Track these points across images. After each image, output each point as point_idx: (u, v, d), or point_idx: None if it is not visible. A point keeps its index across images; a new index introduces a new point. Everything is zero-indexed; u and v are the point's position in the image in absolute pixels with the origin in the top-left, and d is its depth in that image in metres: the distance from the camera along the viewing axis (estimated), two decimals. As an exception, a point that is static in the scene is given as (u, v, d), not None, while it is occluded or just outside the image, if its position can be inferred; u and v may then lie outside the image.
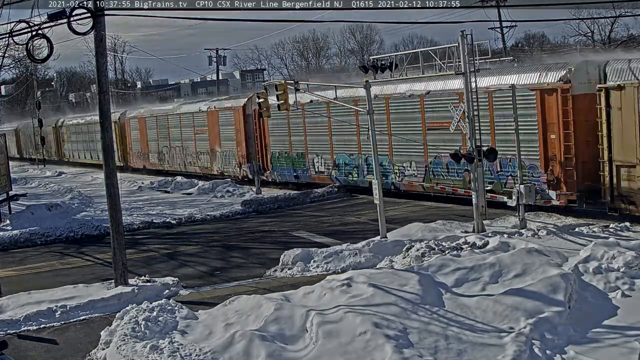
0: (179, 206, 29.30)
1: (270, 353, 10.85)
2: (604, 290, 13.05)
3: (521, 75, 21.36)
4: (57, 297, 15.29)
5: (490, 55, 21.78)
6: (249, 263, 18.51)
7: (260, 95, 21.67)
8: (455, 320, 11.66)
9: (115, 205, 15.99)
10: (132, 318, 12.68)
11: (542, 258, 13.99)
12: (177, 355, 11.13)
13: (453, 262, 14.13)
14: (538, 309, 11.76)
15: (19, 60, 37.74)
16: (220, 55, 69.43)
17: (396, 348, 10.47)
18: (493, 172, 21.99)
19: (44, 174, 51.77)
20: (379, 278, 13.31)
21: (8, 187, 28.22)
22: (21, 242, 23.37)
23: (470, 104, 18.52)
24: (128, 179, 40.74)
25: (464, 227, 19.19)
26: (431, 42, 79.93)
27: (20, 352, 12.68)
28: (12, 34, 15.10)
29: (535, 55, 57.21)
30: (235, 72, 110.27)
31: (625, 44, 52.61)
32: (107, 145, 16.02)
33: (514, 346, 10.56)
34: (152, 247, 21.60)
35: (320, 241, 20.13)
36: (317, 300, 12.78)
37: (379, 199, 18.57)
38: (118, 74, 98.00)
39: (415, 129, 24.94)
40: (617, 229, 17.67)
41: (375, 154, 19.08)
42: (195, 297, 15.47)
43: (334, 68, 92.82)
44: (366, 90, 18.94)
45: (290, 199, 28.02)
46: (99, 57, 15.81)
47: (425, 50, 20.51)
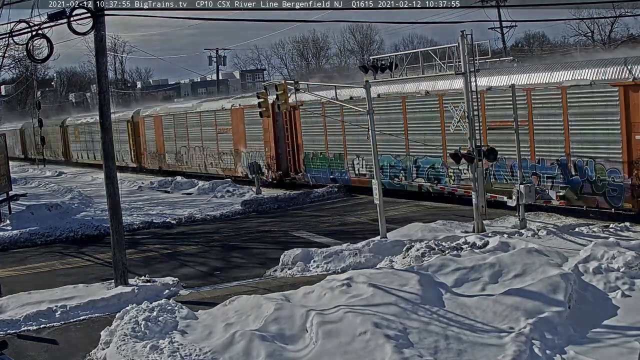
0: (179, 206, 29.29)
1: (270, 353, 10.85)
2: (604, 290, 13.05)
3: (593, 70, 19.22)
4: (57, 297, 15.29)
5: (490, 55, 21.75)
6: (249, 263, 18.51)
7: (260, 95, 21.68)
8: (455, 320, 11.66)
9: (115, 205, 15.99)
10: (132, 318, 12.68)
11: (542, 258, 13.99)
12: (177, 355, 11.13)
13: (453, 262, 14.13)
14: (538, 309, 11.76)
15: (19, 60, 37.72)
16: (220, 55, 69.59)
17: (396, 348, 10.47)
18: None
19: (44, 174, 51.76)
20: (379, 278, 13.31)
21: (8, 187, 28.22)
22: (21, 242, 23.37)
23: (471, 104, 18.52)
24: (128, 179, 40.72)
25: (464, 227, 19.19)
26: (431, 42, 79.98)
27: (20, 352, 12.68)
28: (12, 34, 15.11)
29: (535, 55, 57.26)
30: (235, 72, 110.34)
31: (625, 44, 52.60)
32: (107, 145, 16.02)
33: (514, 346, 10.56)
34: (152, 247, 21.60)
35: (320, 241, 20.13)
36: (317, 300, 12.78)
37: (379, 199, 18.57)
38: (118, 74, 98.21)
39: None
40: (617, 229, 17.66)
41: (375, 153, 19.08)
42: (195, 297, 15.47)
43: (333, 68, 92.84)
44: (366, 90, 18.94)
45: (290, 199, 28.01)
46: (99, 57, 15.82)
47: (425, 50, 20.49)
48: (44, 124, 54.35)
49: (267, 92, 21.49)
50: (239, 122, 34.78)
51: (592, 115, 19.16)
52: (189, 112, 40.29)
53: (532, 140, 20.67)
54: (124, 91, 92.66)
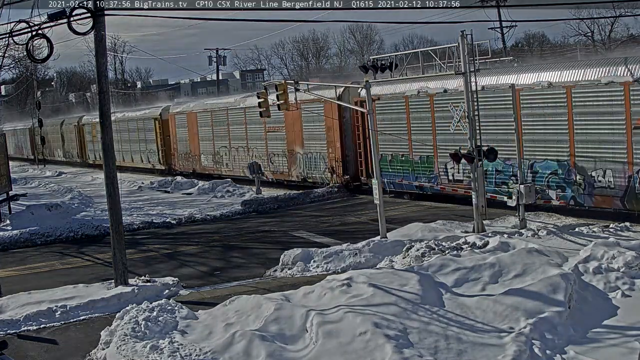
0: (179, 206, 29.30)
1: (270, 353, 10.85)
2: (604, 290, 13.05)
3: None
4: (57, 297, 15.29)
5: (490, 55, 21.74)
6: (249, 263, 18.51)
7: (260, 95, 21.67)
8: (455, 320, 11.65)
9: (115, 205, 15.99)
10: (132, 318, 12.68)
11: (542, 258, 13.99)
12: (177, 355, 11.13)
13: (453, 262, 14.13)
14: (538, 309, 11.75)
15: (19, 60, 37.70)
16: (220, 55, 69.56)
17: (396, 348, 10.47)
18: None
19: (44, 174, 51.77)
20: (379, 278, 13.30)
21: (8, 187, 28.23)
22: (21, 242, 23.38)
23: (471, 104, 18.51)
24: (128, 179, 40.71)
25: (464, 227, 19.19)
26: (431, 42, 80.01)
27: (20, 352, 12.68)
28: (12, 34, 15.10)
29: (535, 54, 57.24)
30: (235, 72, 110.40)
31: (625, 44, 52.62)
32: (107, 145, 16.01)
33: (514, 346, 10.56)
34: (152, 247, 21.61)
35: (320, 241, 20.13)
36: (317, 300, 12.78)
37: (379, 199, 18.57)
38: (118, 74, 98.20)
39: (617, 127, 18.56)
40: (617, 229, 17.64)
41: (376, 153, 19.07)
42: (195, 297, 15.47)
43: (334, 68, 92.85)
44: (366, 90, 18.95)
45: (290, 199, 28.01)
46: (99, 57, 15.82)
47: (425, 50, 20.48)
48: (60, 122, 53.68)
49: (267, 92, 21.46)
50: (295, 120, 30.69)
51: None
52: (230, 108, 36.26)
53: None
54: (124, 91, 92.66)
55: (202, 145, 38.85)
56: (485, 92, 20.94)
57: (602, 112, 18.85)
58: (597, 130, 19.05)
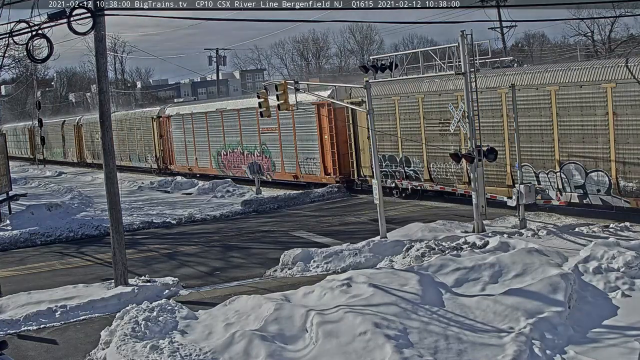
0: (179, 206, 29.29)
1: (270, 353, 10.85)
2: (604, 290, 13.05)
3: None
4: (57, 297, 15.30)
5: (490, 55, 21.75)
6: (249, 263, 18.50)
7: (260, 95, 21.63)
8: (455, 320, 11.65)
9: (115, 205, 15.99)
10: (132, 318, 12.68)
11: (542, 258, 13.99)
12: (177, 355, 11.13)
13: (453, 262, 14.13)
14: (538, 309, 11.75)
15: (19, 60, 37.67)
16: (220, 55, 69.48)
17: (396, 348, 10.47)
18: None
19: (44, 174, 51.76)
20: (379, 278, 13.31)
21: (8, 187, 28.22)
22: (21, 242, 23.38)
23: (471, 104, 18.51)
24: (128, 179, 40.68)
25: (464, 227, 19.19)
26: (431, 42, 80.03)
27: (20, 352, 12.69)
28: (12, 34, 15.08)
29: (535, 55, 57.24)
30: (235, 72, 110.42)
31: (625, 43, 52.60)
32: (107, 146, 16.01)
33: (514, 346, 10.55)
34: (152, 247, 21.60)
35: (320, 241, 20.12)
36: (317, 300, 12.78)
37: (379, 199, 18.57)
38: (118, 74, 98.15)
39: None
40: (617, 228, 17.65)
41: (375, 153, 19.07)
42: (195, 297, 15.47)
43: (334, 68, 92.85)
44: (366, 90, 18.94)
45: (290, 199, 28.00)
46: (99, 57, 15.83)
47: (425, 50, 20.50)
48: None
49: (267, 92, 21.39)
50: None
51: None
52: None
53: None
54: (124, 91, 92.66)
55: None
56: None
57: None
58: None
